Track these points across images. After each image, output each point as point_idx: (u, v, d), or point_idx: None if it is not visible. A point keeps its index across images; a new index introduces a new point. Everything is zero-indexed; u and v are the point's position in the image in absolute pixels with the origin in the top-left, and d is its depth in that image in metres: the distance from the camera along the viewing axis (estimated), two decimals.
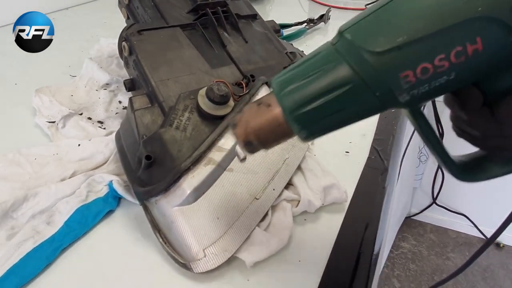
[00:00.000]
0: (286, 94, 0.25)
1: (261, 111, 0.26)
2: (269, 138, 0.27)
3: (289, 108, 0.25)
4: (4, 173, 0.44)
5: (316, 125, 0.25)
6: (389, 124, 0.56)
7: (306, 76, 0.25)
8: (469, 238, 1.86)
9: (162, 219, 0.36)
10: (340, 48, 0.24)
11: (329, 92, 0.24)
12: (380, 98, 0.23)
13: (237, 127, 0.27)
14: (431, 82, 0.23)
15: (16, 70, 0.75)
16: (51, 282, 0.34)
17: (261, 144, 0.27)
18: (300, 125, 0.25)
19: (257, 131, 0.26)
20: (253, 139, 0.27)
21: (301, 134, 0.26)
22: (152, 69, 0.44)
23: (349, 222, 0.40)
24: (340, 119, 0.25)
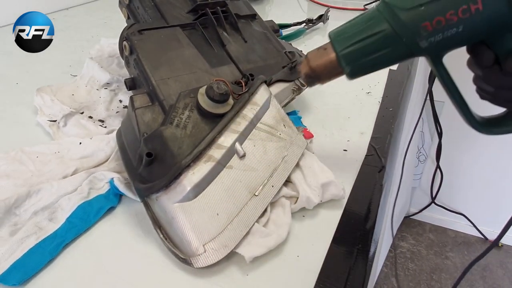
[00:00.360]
0: (339, 39, 0.35)
1: (320, 52, 0.36)
2: (324, 72, 0.36)
3: (340, 48, 0.34)
4: (7, 170, 0.44)
5: (358, 63, 0.34)
6: (386, 123, 0.57)
7: (354, 27, 0.34)
8: (467, 237, 1.86)
9: (162, 215, 0.37)
10: (380, 8, 0.33)
11: (369, 37, 0.33)
12: (406, 43, 0.32)
13: (301, 64, 0.38)
14: (444, 32, 0.31)
15: (17, 70, 0.76)
16: (53, 277, 0.35)
17: (317, 77, 0.37)
18: (346, 61, 0.34)
19: (315, 67, 0.36)
20: (312, 73, 0.37)
21: (346, 69, 0.35)
22: (153, 68, 0.44)
23: (347, 219, 0.40)
24: (376, 59, 0.34)
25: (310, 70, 0.36)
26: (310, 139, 0.52)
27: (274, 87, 0.51)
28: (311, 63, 0.36)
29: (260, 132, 0.42)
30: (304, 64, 0.37)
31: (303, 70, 0.37)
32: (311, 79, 0.37)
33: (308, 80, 0.38)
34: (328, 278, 0.34)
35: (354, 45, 0.34)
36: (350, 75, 0.36)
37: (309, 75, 0.37)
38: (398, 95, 0.65)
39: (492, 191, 1.70)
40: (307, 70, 0.37)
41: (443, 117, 1.58)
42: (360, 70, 0.35)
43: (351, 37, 0.34)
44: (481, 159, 1.65)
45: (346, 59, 0.34)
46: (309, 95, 0.64)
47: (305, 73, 0.37)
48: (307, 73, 0.37)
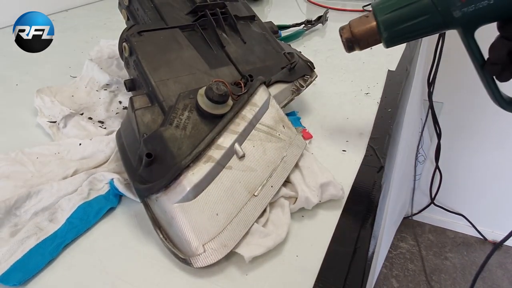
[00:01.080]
0: (380, 7, 0.39)
1: (362, 20, 0.40)
2: (363, 38, 0.40)
3: (380, 14, 0.38)
4: (7, 171, 0.45)
5: (395, 29, 0.38)
6: (385, 124, 0.57)
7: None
8: (467, 238, 1.87)
9: (162, 216, 0.37)
10: None
11: (407, 5, 0.37)
12: (441, 12, 0.36)
13: (344, 29, 0.41)
14: (476, 4, 0.34)
15: (17, 71, 0.76)
16: (54, 278, 0.35)
17: (357, 42, 0.41)
18: (384, 26, 0.38)
19: (356, 32, 0.40)
20: (352, 38, 0.41)
21: (384, 34, 0.39)
22: (152, 69, 0.45)
23: (346, 219, 0.41)
24: (412, 27, 0.38)
25: (351, 35, 0.40)
26: (309, 139, 0.53)
27: (273, 88, 0.51)
28: (353, 29, 0.40)
29: (259, 133, 0.42)
30: (346, 30, 0.41)
31: (345, 35, 0.41)
32: (351, 43, 0.41)
33: (348, 45, 0.41)
34: (327, 278, 0.34)
35: (393, 12, 0.38)
36: (386, 40, 0.39)
37: (350, 39, 0.41)
38: (397, 96, 0.65)
39: (491, 192, 1.70)
40: (348, 35, 0.41)
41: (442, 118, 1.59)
42: (396, 36, 0.39)
43: (390, 5, 0.38)
44: (480, 159, 1.65)
45: (384, 25, 0.38)
46: (308, 96, 0.65)
47: (346, 37, 0.41)
48: (348, 38, 0.41)
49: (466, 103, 1.53)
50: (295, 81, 0.55)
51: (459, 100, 1.54)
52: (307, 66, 0.58)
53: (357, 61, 0.80)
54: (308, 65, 0.58)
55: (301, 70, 0.56)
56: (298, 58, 0.57)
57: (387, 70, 0.74)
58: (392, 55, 0.82)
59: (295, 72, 0.55)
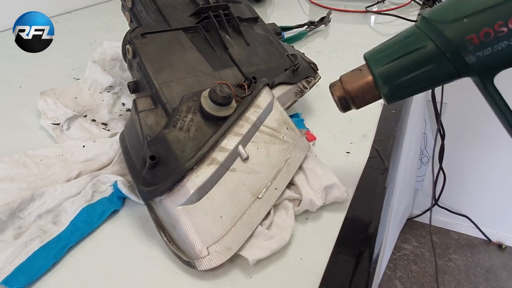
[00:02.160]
0: (375, 58, 0.33)
1: (355, 74, 0.35)
2: (359, 95, 0.34)
3: (376, 67, 0.33)
4: (11, 174, 0.45)
5: (396, 82, 0.32)
6: (389, 125, 0.57)
7: (392, 46, 0.33)
8: (471, 239, 1.86)
9: (166, 218, 0.37)
10: (420, 25, 0.31)
11: (408, 54, 0.31)
12: (450, 59, 0.30)
13: (335, 86, 0.36)
14: (494, 46, 0.28)
15: (20, 73, 0.76)
16: (57, 280, 0.35)
17: (352, 101, 0.35)
18: (383, 80, 0.32)
19: (350, 89, 0.34)
20: (347, 96, 0.35)
21: (383, 89, 0.33)
22: (156, 71, 0.45)
23: (350, 221, 0.40)
24: (416, 78, 0.31)
25: (345, 93, 0.35)
26: (313, 141, 0.52)
27: (276, 89, 0.51)
28: (346, 86, 0.35)
29: (263, 135, 0.42)
30: (337, 87, 0.35)
31: (337, 93, 0.35)
32: (345, 102, 0.35)
33: (342, 104, 0.36)
34: (331, 280, 0.34)
35: (392, 62, 0.32)
36: (387, 96, 0.33)
37: (343, 98, 0.35)
38: None
39: (496, 193, 1.70)
40: (341, 93, 0.35)
41: (446, 118, 1.58)
42: (398, 91, 0.33)
43: (388, 55, 0.32)
44: (484, 160, 1.64)
45: (383, 78, 0.32)
46: (311, 98, 0.64)
47: (338, 96, 0.35)
48: (342, 96, 0.35)
49: (470, 103, 1.53)
50: (298, 82, 0.55)
51: (463, 101, 1.54)
52: (310, 68, 0.57)
53: (360, 62, 0.79)
54: (311, 66, 0.58)
55: (304, 72, 0.56)
56: (301, 60, 0.57)
57: None
58: None
59: (298, 73, 0.55)
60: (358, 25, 1.07)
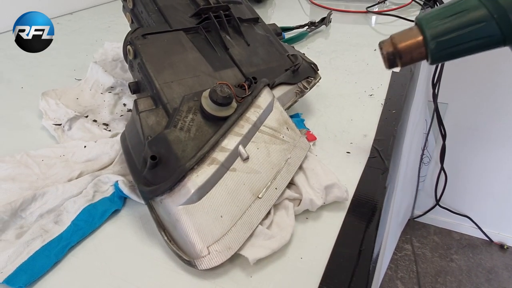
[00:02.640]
0: (426, 18, 0.35)
1: (405, 32, 0.36)
2: (407, 52, 0.36)
3: (426, 24, 0.34)
4: (12, 174, 0.45)
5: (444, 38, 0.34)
6: (389, 125, 0.57)
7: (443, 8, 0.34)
8: (472, 240, 1.86)
9: (167, 218, 0.37)
10: None
11: (457, 14, 0.33)
12: (498, 21, 0.31)
13: (384, 42, 0.38)
14: None
15: (22, 74, 0.77)
16: (59, 279, 0.35)
17: (399, 56, 0.37)
18: (431, 36, 0.34)
19: (400, 46, 0.36)
20: (395, 52, 0.37)
21: (431, 45, 0.34)
22: (157, 72, 0.45)
23: (350, 221, 0.41)
24: (464, 37, 0.33)
25: (394, 49, 0.37)
26: (313, 141, 0.53)
27: (277, 90, 0.51)
28: (396, 42, 0.37)
29: (263, 135, 0.42)
30: (387, 44, 0.37)
31: (386, 49, 0.37)
32: (393, 58, 0.37)
33: (389, 60, 0.38)
34: (331, 280, 0.34)
35: (442, 20, 0.34)
36: (433, 53, 0.35)
37: (392, 53, 0.37)
38: (401, 97, 0.65)
39: (497, 193, 1.69)
40: (390, 49, 0.37)
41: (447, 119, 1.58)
42: (444, 49, 0.34)
43: (439, 15, 0.34)
44: (486, 160, 1.64)
45: (431, 34, 0.34)
46: (312, 98, 0.64)
47: (388, 51, 0.37)
48: (390, 52, 0.37)
49: (471, 103, 1.53)
50: (299, 83, 0.55)
51: (464, 101, 1.54)
52: (310, 68, 0.58)
53: (361, 62, 0.80)
54: (311, 66, 0.58)
55: (304, 72, 0.56)
56: (302, 60, 0.57)
57: (391, 72, 0.74)
58: None
59: (298, 74, 0.55)
60: (358, 25, 1.07)
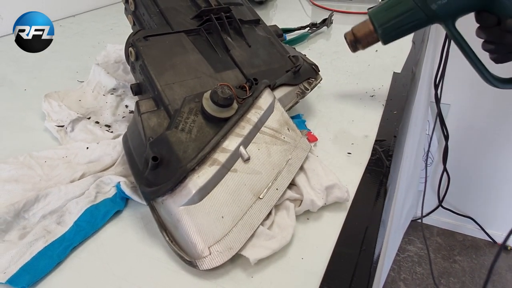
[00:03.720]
0: (374, 13, 0.50)
1: (361, 24, 0.52)
2: (364, 38, 0.52)
3: (374, 16, 0.50)
4: (16, 175, 0.45)
5: (387, 25, 0.49)
6: (391, 126, 0.57)
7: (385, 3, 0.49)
8: (475, 241, 1.85)
9: (168, 218, 0.37)
10: None
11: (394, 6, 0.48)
12: (421, 7, 0.46)
13: (347, 34, 0.53)
14: None
15: (25, 76, 0.77)
16: (61, 280, 0.35)
17: (359, 42, 0.52)
18: (378, 24, 0.50)
19: (357, 34, 0.52)
20: (355, 39, 0.52)
21: (379, 30, 0.50)
22: (158, 74, 0.45)
23: (351, 221, 0.41)
24: (401, 22, 0.48)
25: (354, 37, 0.52)
26: (314, 142, 0.53)
27: (278, 91, 0.51)
28: (355, 32, 0.52)
29: (264, 136, 0.43)
30: (349, 34, 0.53)
31: (349, 38, 0.53)
32: (354, 43, 0.53)
33: (352, 45, 0.53)
34: (332, 280, 0.34)
35: (384, 12, 0.49)
36: (382, 36, 0.50)
37: (353, 41, 0.52)
38: (403, 98, 0.65)
39: (500, 194, 1.69)
40: (351, 38, 0.52)
41: (449, 119, 1.57)
42: (389, 32, 0.49)
43: (382, 8, 0.50)
44: (489, 161, 1.64)
45: (378, 23, 0.49)
46: (313, 99, 0.65)
47: (350, 39, 0.52)
48: (352, 40, 0.52)
49: (473, 104, 1.52)
50: (300, 84, 0.55)
51: (466, 102, 1.53)
52: (311, 69, 0.58)
53: (362, 63, 0.80)
54: (312, 68, 0.58)
55: (306, 73, 0.56)
56: (303, 61, 0.57)
57: (392, 72, 0.74)
58: (397, 57, 0.82)
59: (300, 75, 0.55)
60: None
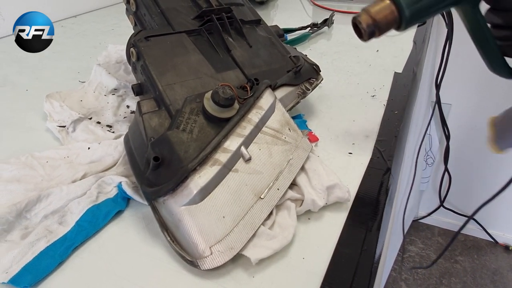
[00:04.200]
0: None
1: (377, 3, 0.39)
2: (384, 22, 0.39)
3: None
4: (17, 175, 0.45)
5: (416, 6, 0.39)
6: (392, 126, 0.57)
7: None
8: (477, 241, 1.85)
9: (169, 218, 0.37)
10: None
11: None
12: None
13: (361, 16, 0.39)
14: None
15: (27, 77, 0.77)
16: (63, 280, 0.35)
17: (377, 27, 0.39)
18: (406, 4, 0.38)
19: (375, 16, 0.39)
20: (373, 23, 0.39)
21: (406, 12, 0.38)
22: (159, 74, 0.45)
23: (352, 221, 0.41)
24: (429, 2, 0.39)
25: (372, 21, 0.39)
26: (315, 142, 0.53)
27: (279, 91, 0.52)
28: (374, 15, 0.39)
29: (265, 136, 0.43)
30: (365, 16, 0.40)
31: (365, 22, 0.39)
32: (371, 29, 0.40)
33: (369, 31, 0.40)
34: (333, 280, 0.34)
35: None
36: (408, 20, 0.40)
37: (371, 25, 0.39)
38: (404, 98, 0.65)
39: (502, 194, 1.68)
40: (369, 21, 0.39)
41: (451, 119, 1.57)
42: (416, 14, 0.39)
43: None
44: (490, 161, 1.63)
45: (406, 4, 0.38)
46: (314, 99, 0.65)
47: (367, 24, 0.39)
48: (370, 24, 0.39)
49: (475, 104, 1.52)
50: (301, 84, 0.55)
51: (468, 102, 1.53)
52: (312, 69, 0.58)
53: (363, 63, 0.80)
54: (314, 68, 0.58)
55: (307, 73, 0.56)
56: (304, 61, 0.57)
57: (394, 72, 0.74)
58: (398, 57, 0.82)
59: (301, 75, 0.55)
60: None
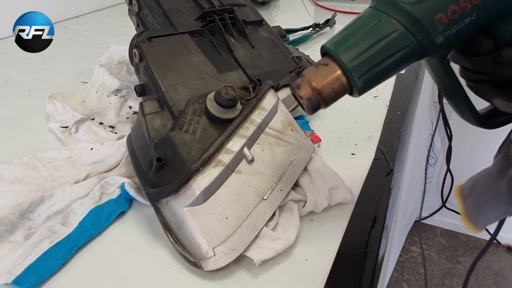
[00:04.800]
0: (342, 51, 0.29)
1: (321, 70, 0.30)
2: (330, 92, 0.30)
3: (347, 60, 0.29)
4: (20, 176, 0.45)
5: (371, 73, 0.29)
6: (394, 127, 0.57)
7: (356, 34, 0.29)
8: (479, 241, 1.84)
9: (172, 219, 0.37)
10: (381, 7, 0.29)
11: (379, 41, 0.28)
12: (421, 42, 0.28)
13: (301, 87, 0.30)
14: (459, 23, 0.28)
15: (29, 77, 0.78)
16: (66, 280, 0.35)
17: (323, 100, 0.30)
18: (357, 74, 0.29)
19: (321, 87, 0.29)
20: (317, 96, 0.30)
21: (358, 83, 0.29)
22: (162, 75, 0.45)
23: (355, 222, 0.41)
24: (390, 65, 0.29)
25: (315, 92, 0.30)
26: (318, 143, 0.53)
27: (281, 92, 0.51)
28: (315, 84, 0.29)
29: (268, 137, 0.43)
30: (304, 88, 0.30)
31: (306, 95, 0.30)
32: (316, 102, 0.30)
33: (312, 105, 0.30)
34: (336, 281, 0.34)
35: (364, 53, 0.28)
36: (360, 90, 0.30)
37: (314, 98, 0.30)
38: (406, 99, 0.65)
39: None
40: (310, 94, 0.30)
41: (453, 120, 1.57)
42: (371, 83, 0.30)
43: (356, 45, 0.29)
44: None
45: (357, 71, 0.29)
46: None
47: (308, 97, 0.30)
48: (311, 97, 0.30)
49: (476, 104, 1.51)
50: None
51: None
52: None
53: None
54: None
55: None
56: (306, 62, 0.57)
57: None
58: None
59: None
60: None
